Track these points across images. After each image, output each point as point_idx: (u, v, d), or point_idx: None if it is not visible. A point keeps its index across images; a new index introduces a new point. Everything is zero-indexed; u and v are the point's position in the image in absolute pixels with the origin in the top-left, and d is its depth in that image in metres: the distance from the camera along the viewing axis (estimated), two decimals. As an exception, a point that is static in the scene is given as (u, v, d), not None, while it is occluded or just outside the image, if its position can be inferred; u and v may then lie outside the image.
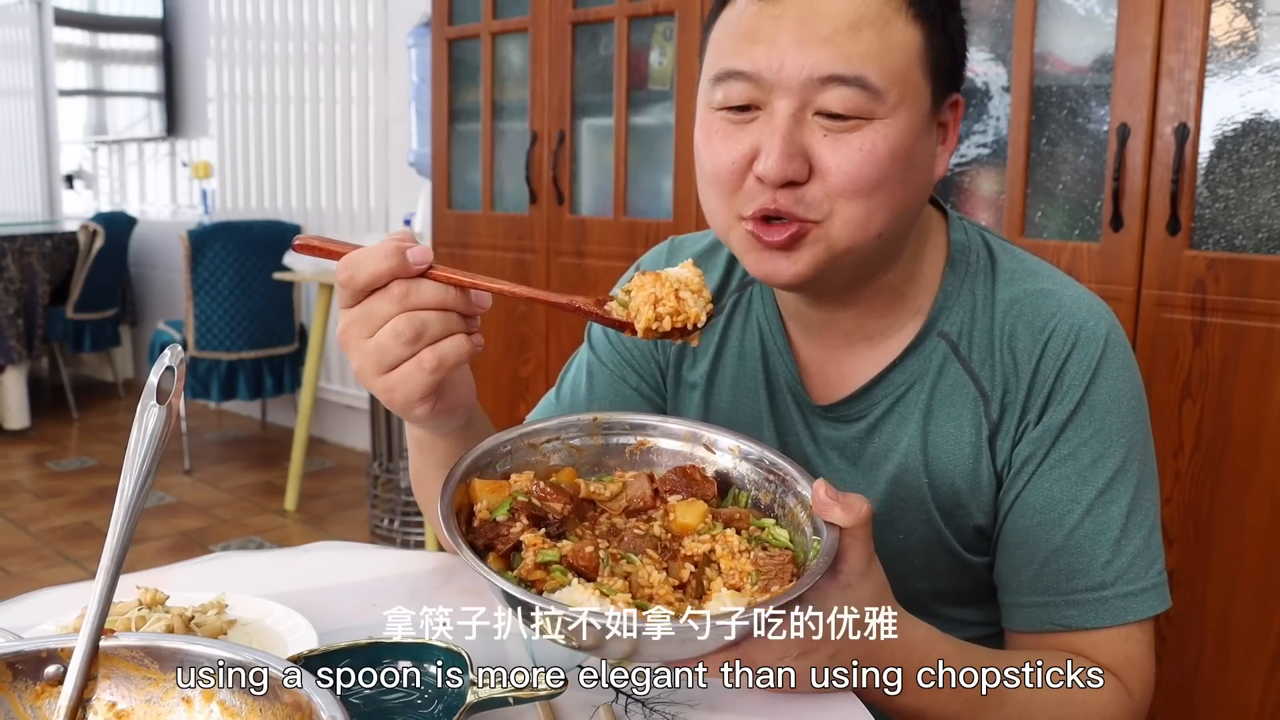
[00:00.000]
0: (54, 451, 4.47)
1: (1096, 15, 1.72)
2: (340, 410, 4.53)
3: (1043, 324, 0.88)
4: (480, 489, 0.74)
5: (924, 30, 0.81)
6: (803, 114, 0.80)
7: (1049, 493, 0.87)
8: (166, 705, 0.57)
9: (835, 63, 0.78)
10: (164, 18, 5.12)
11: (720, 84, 0.82)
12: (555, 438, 0.81)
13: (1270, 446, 1.56)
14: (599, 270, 2.49)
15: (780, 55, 0.79)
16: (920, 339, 0.91)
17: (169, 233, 5.27)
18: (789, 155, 0.79)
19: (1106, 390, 0.86)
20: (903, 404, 0.92)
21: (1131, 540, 0.86)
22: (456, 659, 0.70)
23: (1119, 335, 0.89)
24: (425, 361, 0.72)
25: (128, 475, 0.59)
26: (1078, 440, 0.86)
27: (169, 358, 0.61)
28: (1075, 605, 0.85)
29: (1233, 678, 1.64)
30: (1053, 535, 0.86)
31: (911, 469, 0.91)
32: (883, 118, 0.79)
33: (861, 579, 0.72)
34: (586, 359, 1.06)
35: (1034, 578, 0.87)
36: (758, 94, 0.81)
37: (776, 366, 0.97)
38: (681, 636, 0.63)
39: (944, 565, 0.92)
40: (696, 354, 1.01)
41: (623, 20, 2.40)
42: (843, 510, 0.70)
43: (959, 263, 0.92)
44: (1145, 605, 0.85)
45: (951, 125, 0.87)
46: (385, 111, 4.14)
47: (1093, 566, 0.85)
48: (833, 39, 0.78)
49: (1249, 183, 1.59)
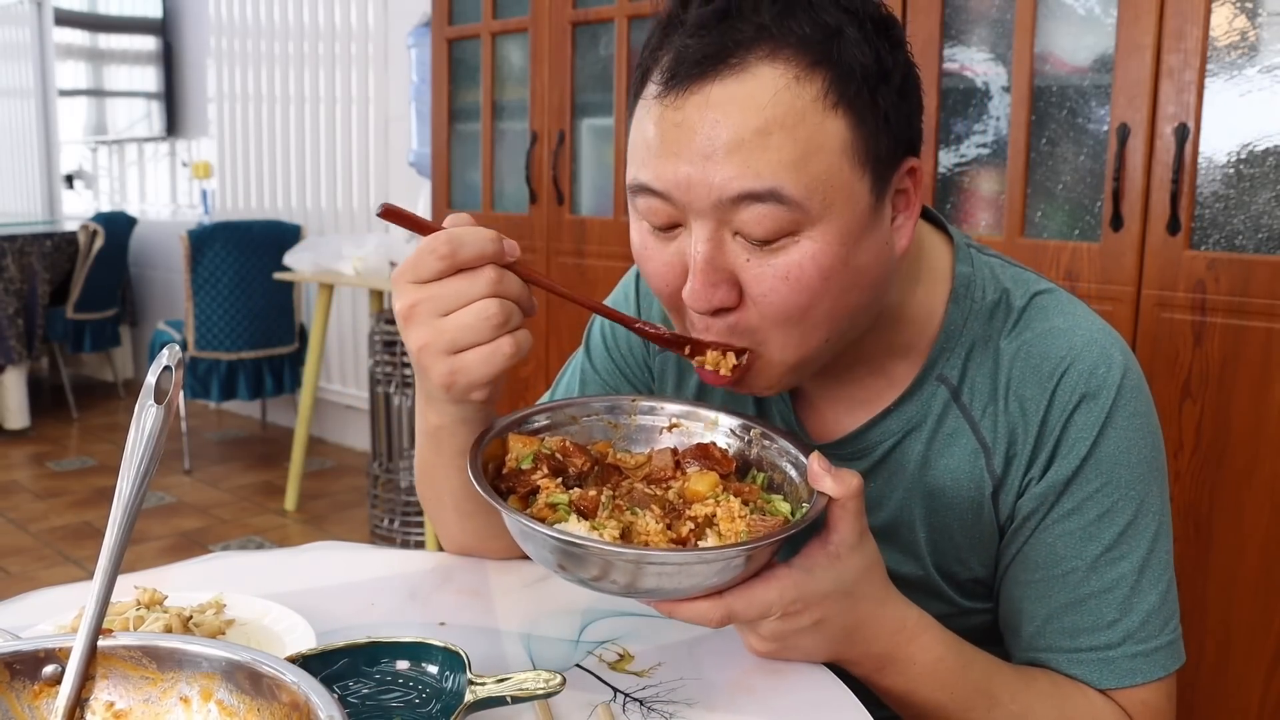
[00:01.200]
0: (54, 451, 4.47)
1: (1096, 15, 1.72)
2: (340, 410, 4.53)
3: (1051, 369, 0.82)
4: (514, 442, 0.79)
5: (850, 117, 0.71)
6: (720, 234, 0.73)
7: (1052, 548, 0.82)
8: (164, 705, 0.57)
9: (744, 178, 0.69)
10: (164, 18, 5.12)
11: (637, 196, 0.75)
12: (595, 413, 0.85)
13: (1270, 447, 1.56)
14: (599, 270, 2.49)
15: (686, 172, 0.71)
16: (918, 383, 0.86)
17: (169, 233, 5.27)
18: (712, 285, 0.73)
19: (1116, 442, 0.81)
20: (899, 451, 0.87)
21: (1145, 599, 0.81)
22: (454, 658, 0.70)
23: (1134, 378, 0.83)
24: (505, 347, 0.73)
25: (126, 475, 0.59)
26: (1083, 494, 0.81)
27: (167, 357, 0.61)
28: (1080, 664, 0.82)
29: (1232, 678, 1.63)
30: (1055, 591, 0.82)
31: (907, 520, 0.87)
32: (809, 230, 0.71)
33: (852, 551, 0.73)
34: (581, 364, 1.04)
35: (1037, 633, 0.83)
36: (674, 211, 0.74)
37: (770, 401, 0.93)
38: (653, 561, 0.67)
39: (939, 614, 0.87)
40: (684, 377, 0.98)
41: (623, 20, 2.40)
42: (834, 481, 0.71)
43: (963, 299, 0.85)
44: (1155, 665, 0.82)
45: (913, 190, 0.78)
46: (385, 111, 4.14)
47: (1099, 625, 0.81)
48: (739, 150, 0.69)
49: (1249, 183, 1.59)
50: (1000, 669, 0.81)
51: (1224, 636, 1.64)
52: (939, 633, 0.79)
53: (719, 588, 0.70)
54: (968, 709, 0.79)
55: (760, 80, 0.70)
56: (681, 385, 0.98)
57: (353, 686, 0.70)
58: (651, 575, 0.67)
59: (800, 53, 0.70)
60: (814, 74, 0.70)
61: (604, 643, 0.82)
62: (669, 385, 0.99)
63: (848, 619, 0.74)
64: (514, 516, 0.69)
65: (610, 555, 0.66)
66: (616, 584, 0.68)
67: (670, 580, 0.68)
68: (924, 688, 0.78)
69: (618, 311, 0.84)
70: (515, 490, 0.75)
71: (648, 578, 0.68)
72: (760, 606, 0.71)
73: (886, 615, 0.76)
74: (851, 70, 0.71)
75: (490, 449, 0.77)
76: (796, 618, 0.72)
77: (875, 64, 0.72)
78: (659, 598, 0.70)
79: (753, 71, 0.70)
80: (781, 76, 0.70)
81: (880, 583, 0.76)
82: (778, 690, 0.75)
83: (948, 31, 1.87)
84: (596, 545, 0.66)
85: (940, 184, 1.92)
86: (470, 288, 0.72)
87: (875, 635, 0.76)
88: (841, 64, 0.71)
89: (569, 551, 0.68)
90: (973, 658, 0.80)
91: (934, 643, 0.78)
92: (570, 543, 0.67)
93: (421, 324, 0.73)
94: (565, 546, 0.67)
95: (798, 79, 0.70)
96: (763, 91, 0.70)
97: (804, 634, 0.74)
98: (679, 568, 0.67)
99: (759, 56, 0.70)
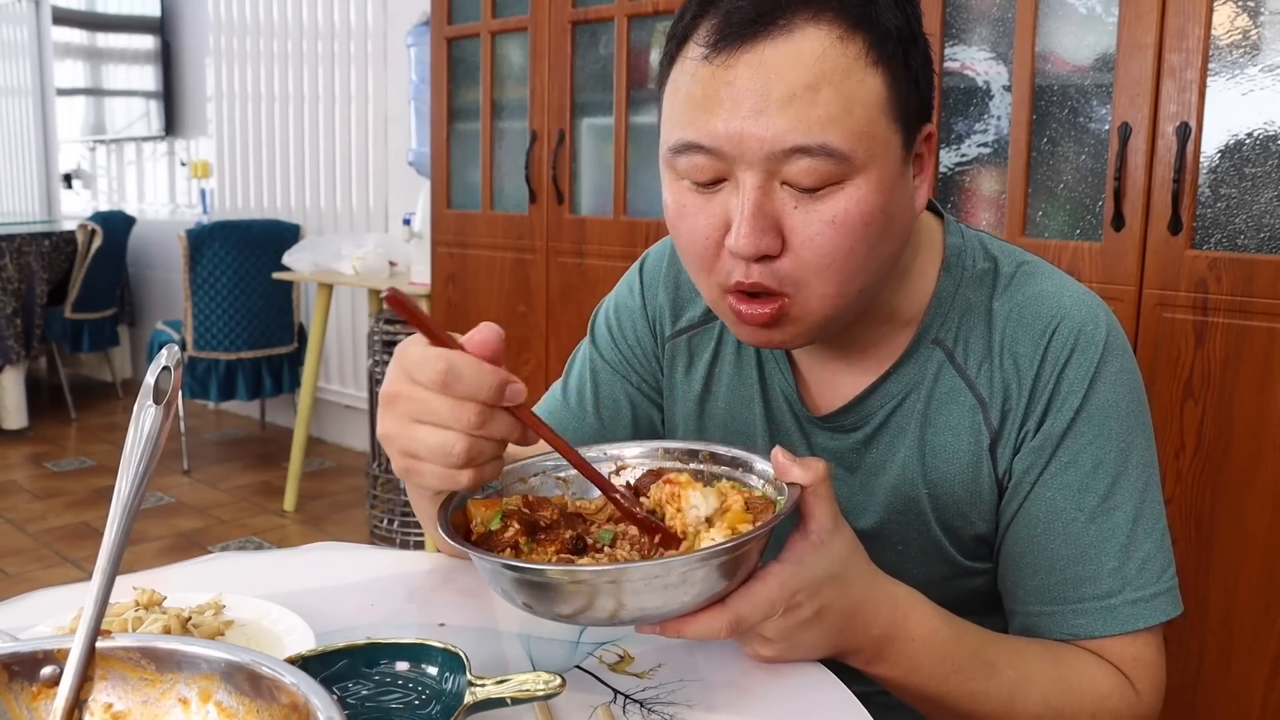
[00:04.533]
0: (52, 452, 4.47)
1: (1098, 14, 1.72)
2: (339, 410, 4.53)
3: (1043, 328, 0.86)
4: (474, 508, 0.76)
5: (886, 75, 0.76)
6: (770, 184, 0.76)
7: (1051, 501, 0.85)
8: (163, 706, 0.57)
9: (796, 132, 0.74)
10: (162, 16, 5.12)
11: (680, 155, 0.78)
12: (540, 471, 0.83)
13: (1272, 447, 1.56)
14: (599, 270, 2.48)
15: (739, 127, 0.75)
16: (914, 347, 0.90)
17: (167, 232, 5.27)
18: (760, 230, 0.76)
19: (1105, 394, 0.85)
20: (899, 413, 0.90)
21: (1140, 545, 0.84)
22: (454, 660, 0.70)
23: (1118, 337, 0.87)
24: (461, 478, 0.71)
25: (124, 476, 0.59)
26: (1077, 447, 0.85)
27: (166, 358, 0.60)
28: (1083, 614, 0.84)
29: (1234, 679, 1.63)
30: (1057, 544, 0.85)
31: (909, 479, 0.90)
32: (853, 179, 0.76)
33: (832, 535, 0.74)
34: (590, 355, 1.05)
35: (1039, 587, 0.86)
36: (721, 166, 0.77)
37: (773, 375, 0.97)
38: (653, 574, 0.65)
39: (941, 576, 0.91)
40: (693, 361, 1.00)
41: (623, 19, 2.40)
42: (801, 469, 0.72)
43: (954, 268, 0.90)
44: (1156, 611, 0.84)
45: (927, 155, 0.84)
46: (385, 111, 4.14)
47: (1099, 574, 0.84)
48: (791, 105, 0.73)
49: (1250, 182, 1.58)
50: (993, 637, 0.83)
51: (1226, 638, 1.63)
52: (929, 606, 0.80)
53: (718, 595, 0.69)
54: (968, 679, 0.79)
55: (808, 39, 0.74)
56: (691, 370, 1.01)
57: (352, 688, 0.69)
58: (639, 589, 0.65)
59: (841, 15, 0.75)
60: (855, 34, 0.75)
61: (604, 644, 0.82)
62: (679, 372, 1.01)
63: (845, 603, 0.75)
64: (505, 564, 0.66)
65: (595, 578, 0.65)
66: (605, 609, 0.66)
67: (659, 595, 0.66)
68: (925, 663, 0.78)
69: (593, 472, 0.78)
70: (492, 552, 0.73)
71: (636, 594, 0.66)
72: (764, 604, 0.71)
73: (878, 593, 0.77)
74: (889, 31, 0.76)
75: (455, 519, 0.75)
76: (798, 611, 0.73)
77: (906, 27, 0.78)
78: (656, 617, 0.69)
79: (801, 31, 0.74)
80: (826, 36, 0.74)
81: (864, 562, 0.77)
82: (778, 691, 0.75)
83: (949, 30, 1.87)
84: (584, 571, 0.64)
85: (941, 183, 1.91)
86: (449, 418, 0.69)
87: (872, 616, 0.77)
88: (879, 25, 0.76)
89: (556, 586, 0.66)
90: (965, 628, 0.81)
91: (927, 616, 0.79)
92: (561, 573, 0.65)
93: (394, 418, 0.71)
94: (554, 581, 0.65)
95: (841, 39, 0.74)
96: (810, 50, 0.74)
97: (807, 628, 0.74)
98: (684, 574, 0.65)
99: (804, 18, 0.74)
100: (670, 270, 1.03)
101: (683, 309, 1.02)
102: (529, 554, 0.73)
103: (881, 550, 0.88)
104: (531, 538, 0.74)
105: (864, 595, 0.76)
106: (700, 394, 1.00)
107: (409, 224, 3.32)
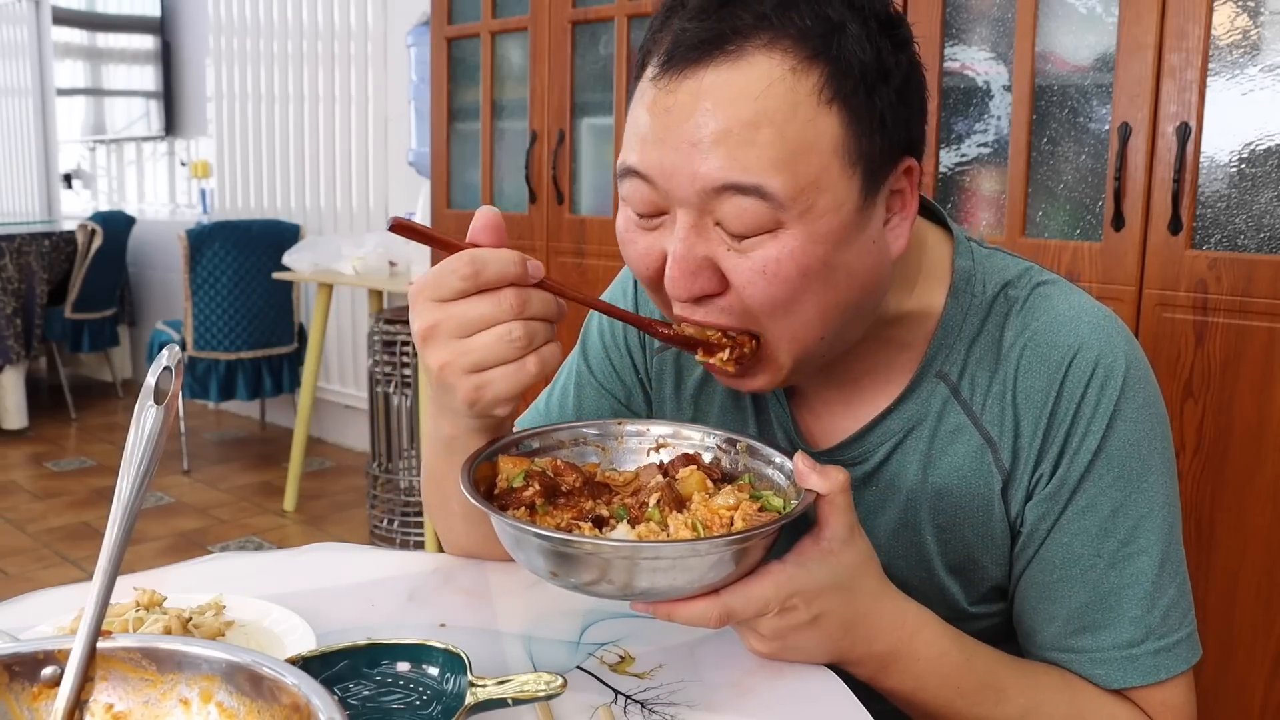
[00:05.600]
0: (52, 452, 4.47)
1: (1098, 14, 1.72)
2: (339, 410, 4.52)
3: (1059, 359, 0.80)
4: (505, 463, 0.79)
5: (843, 115, 0.69)
6: (703, 222, 0.72)
7: (1069, 547, 0.81)
8: (164, 707, 0.57)
9: (729, 170, 0.68)
10: (162, 16, 5.12)
11: (624, 180, 0.75)
12: (583, 438, 0.85)
13: (1272, 447, 1.56)
14: (599, 270, 2.48)
15: (672, 160, 0.70)
16: (917, 381, 0.85)
17: (167, 232, 5.26)
18: (691, 274, 0.72)
19: (1126, 433, 0.79)
20: (900, 452, 0.85)
21: (1165, 591, 0.80)
22: (455, 660, 0.70)
23: (1139, 367, 0.81)
24: (530, 366, 0.71)
25: (125, 476, 0.59)
26: (1095, 490, 0.80)
27: (166, 358, 0.60)
28: (1102, 663, 0.80)
29: (1234, 679, 1.63)
30: (1075, 591, 0.81)
31: (912, 523, 0.86)
32: (788, 228, 0.70)
33: (844, 545, 0.73)
34: (577, 367, 1.02)
35: (1057, 634, 0.82)
36: (657, 198, 0.73)
37: (768, 405, 0.92)
38: (646, 555, 0.66)
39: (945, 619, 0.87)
40: (681, 381, 0.96)
41: (623, 19, 2.40)
42: (820, 477, 0.71)
43: (962, 294, 0.84)
44: (1178, 660, 0.80)
45: (908, 191, 0.76)
46: (384, 111, 4.14)
47: (1120, 622, 0.80)
48: (725, 141, 0.68)
49: (1251, 182, 1.58)
50: (1005, 662, 0.81)
51: (1226, 638, 1.63)
52: (940, 627, 0.78)
53: (715, 585, 0.69)
54: (975, 704, 0.78)
55: (755, 70, 0.69)
56: (680, 385, 0.97)
57: (353, 688, 0.70)
58: (646, 570, 0.67)
59: (799, 44, 0.69)
60: (811, 67, 0.69)
61: (605, 644, 0.82)
62: (668, 386, 0.98)
63: (846, 613, 0.74)
64: (505, 521, 0.69)
65: (605, 551, 0.66)
66: (613, 584, 0.68)
67: (665, 577, 0.67)
68: (930, 684, 0.77)
69: (633, 314, 0.84)
70: (507, 508, 0.75)
71: (643, 574, 0.67)
72: (757, 602, 0.71)
73: (885, 610, 0.76)
74: (850, 67, 0.70)
75: (480, 471, 0.77)
76: (794, 613, 0.72)
77: (875, 62, 0.71)
78: (655, 597, 0.70)
79: (749, 60, 0.69)
80: (778, 67, 0.69)
81: (876, 577, 0.76)
82: (779, 692, 0.75)
83: (948, 30, 1.87)
84: (590, 542, 0.66)
85: (941, 183, 1.91)
86: (494, 310, 0.70)
87: (876, 631, 0.76)
88: (840, 60, 0.69)
89: (563, 553, 0.67)
90: (975, 651, 0.79)
91: (936, 637, 0.77)
92: (564, 542, 0.67)
93: (442, 344, 0.72)
94: (558, 548, 0.67)
95: (794, 71, 0.69)
96: (756, 82, 0.68)
97: (804, 631, 0.73)
98: (674, 560, 0.67)
99: (756, 45, 0.69)
100: None
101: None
102: (542, 516, 0.74)
103: None
104: (549, 501, 0.75)
105: (868, 608, 0.75)
106: (689, 419, 0.96)
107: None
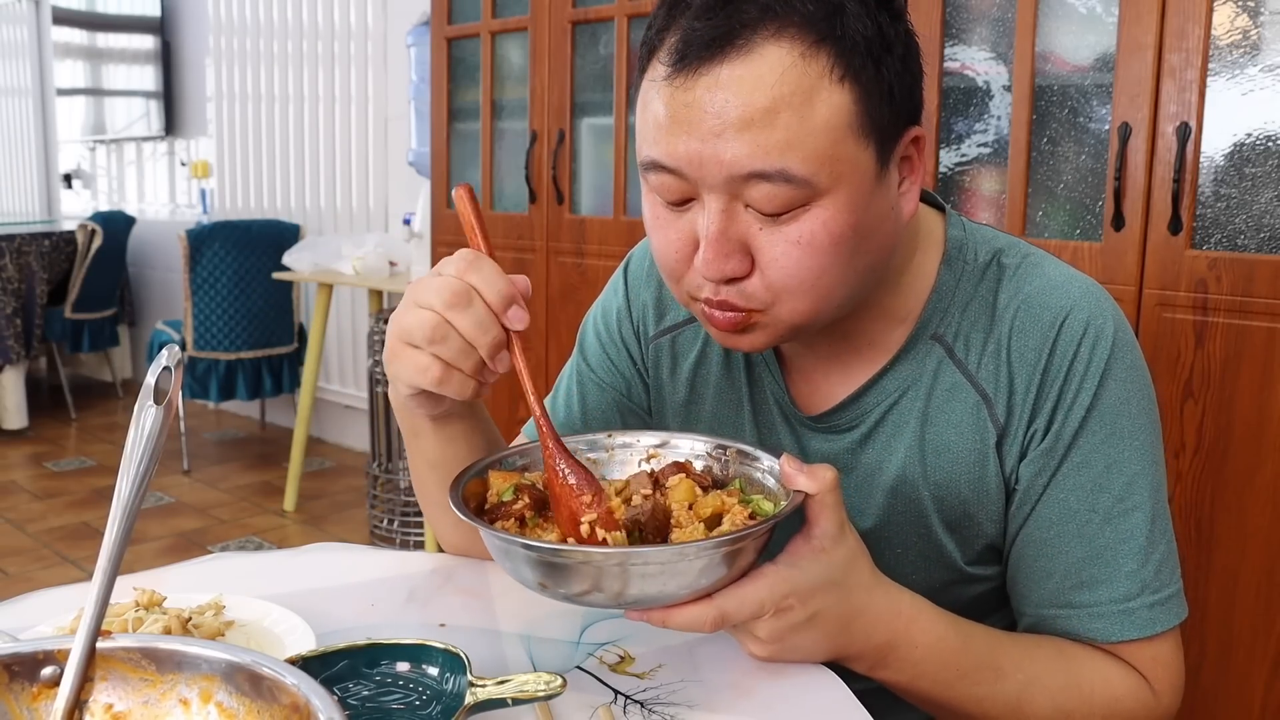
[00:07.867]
0: (52, 452, 4.47)
1: (1098, 14, 1.72)
2: (339, 410, 4.52)
3: (1051, 319, 0.84)
4: (495, 478, 0.80)
5: (855, 90, 0.73)
6: (734, 206, 0.75)
7: (1064, 503, 0.83)
8: (164, 707, 0.57)
9: (753, 159, 0.72)
10: (162, 16, 5.12)
11: (649, 173, 0.78)
12: (573, 451, 0.84)
13: (1272, 447, 1.56)
14: (598, 270, 2.48)
15: (698, 150, 0.73)
16: (912, 342, 0.87)
17: (167, 232, 5.26)
18: (725, 254, 0.75)
19: (1117, 391, 0.83)
20: (896, 411, 0.88)
21: (1157, 546, 0.83)
22: (455, 660, 0.70)
23: (1126, 332, 0.85)
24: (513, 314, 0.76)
25: (125, 476, 0.59)
26: (1090, 446, 0.82)
27: (166, 358, 0.60)
28: (1099, 618, 0.82)
29: (1234, 680, 1.63)
30: (1071, 546, 0.83)
31: (910, 480, 0.88)
32: (819, 201, 0.74)
33: (835, 543, 0.73)
34: (578, 368, 1.04)
35: (1053, 591, 0.84)
36: (687, 186, 0.76)
37: (761, 375, 0.94)
38: (636, 561, 0.67)
39: (941, 582, 0.89)
40: (678, 364, 0.99)
41: (623, 19, 2.40)
42: (808, 478, 0.72)
43: (955, 261, 0.88)
44: (1170, 615, 0.83)
45: (916, 157, 0.80)
46: (385, 111, 4.14)
47: (1116, 577, 0.82)
48: (747, 129, 0.71)
49: (1251, 182, 1.58)
50: (1002, 640, 0.82)
51: (1226, 637, 1.63)
52: (935, 613, 0.79)
53: (708, 589, 0.69)
54: (974, 684, 0.79)
55: (767, 60, 0.72)
56: (676, 368, 0.99)
57: (353, 688, 0.70)
58: (636, 577, 0.67)
59: (805, 30, 0.72)
60: (819, 50, 0.72)
61: (605, 644, 0.82)
62: (664, 370, 1.00)
63: (842, 609, 0.74)
64: (492, 533, 0.70)
65: (595, 559, 0.66)
66: (603, 593, 0.68)
67: (656, 583, 0.67)
68: (929, 670, 0.78)
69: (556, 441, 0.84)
70: (498, 521, 0.76)
71: (633, 581, 0.67)
72: (752, 605, 0.71)
73: (880, 602, 0.76)
74: (856, 44, 0.73)
75: (471, 487, 0.78)
76: (790, 614, 0.72)
77: (878, 36, 0.74)
78: (648, 604, 0.70)
79: (760, 51, 0.72)
80: (788, 54, 0.72)
81: (868, 570, 0.77)
82: (779, 692, 0.75)
83: (948, 30, 1.87)
84: (579, 551, 0.66)
85: (941, 183, 1.91)
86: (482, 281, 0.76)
87: (873, 624, 0.76)
88: (846, 38, 0.72)
89: (551, 564, 0.67)
90: (972, 632, 0.80)
91: (932, 623, 0.78)
92: (553, 552, 0.67)
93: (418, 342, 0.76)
94: (546, 558, 0.67)
95: (804, 56, 0.72)
96: (770, 71, 0.71)
97: (801, 631, 0.74)
98: (663, 566, 0.67)
99: (765, 36, 0.72)
100: (655, 269, 1.02)
101: (666, 308, 1.00)
102: (532, 529, 0.75)
103: (879, 554, 0.87)
104: (539, 514, 0.76)
105: (864, 603, 0.75)
106: (685, 399, 0.98)
107: (409, 224, 3.32)
